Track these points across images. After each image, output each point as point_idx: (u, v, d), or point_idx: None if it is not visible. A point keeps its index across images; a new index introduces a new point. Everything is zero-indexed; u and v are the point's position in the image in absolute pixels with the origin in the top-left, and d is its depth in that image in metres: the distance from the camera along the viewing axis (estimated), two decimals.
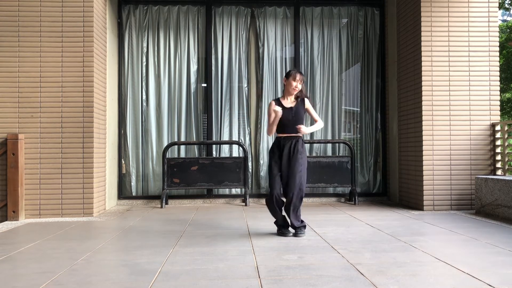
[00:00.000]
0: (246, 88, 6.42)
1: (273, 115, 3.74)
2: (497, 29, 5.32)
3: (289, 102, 3.84)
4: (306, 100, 3.86)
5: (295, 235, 3.75)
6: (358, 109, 6.61)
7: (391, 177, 6.27)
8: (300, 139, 3.80)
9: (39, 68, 4.89)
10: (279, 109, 3.69)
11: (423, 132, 5.19)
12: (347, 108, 6.68)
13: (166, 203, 5.86)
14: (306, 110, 3.87)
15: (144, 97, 6.28)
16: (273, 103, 3.81)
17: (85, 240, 3.67)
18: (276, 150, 3.80)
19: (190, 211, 5.31)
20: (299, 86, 3.79)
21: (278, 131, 3.82)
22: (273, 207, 3.77)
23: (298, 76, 3.76)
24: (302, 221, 3.81)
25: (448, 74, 5.24)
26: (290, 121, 3.75)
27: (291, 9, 6.46)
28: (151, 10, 6.30)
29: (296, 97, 3.84)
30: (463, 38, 5.26)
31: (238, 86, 6.42)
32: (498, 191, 4.64)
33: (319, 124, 3.91)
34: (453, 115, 5.23)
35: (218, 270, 2.70)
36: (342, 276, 2.55)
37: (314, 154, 6.41)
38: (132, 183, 6.19)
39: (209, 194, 6.23)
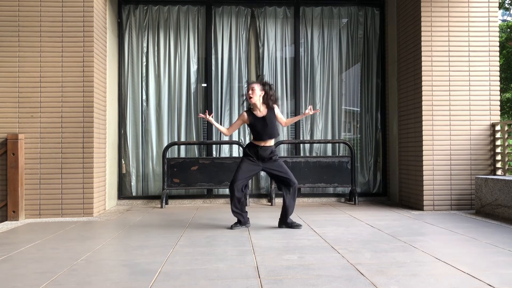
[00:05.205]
0: (246, 88, 6.42)
1: (239, 121, 4.18)
2: (497, 29, 5.32)
3: (259, 112, 4.10)
4: (276, 108, 4.15)
5: (292, 227, 4.10)
6: (358, 109, 6.61)
7: (391, 177, 6.27)
8: (274, 148, 4.14)
9: (39, 68, 4.89)
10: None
11: (423, 132, 5.19)
12: (347, 108, 6.68)
13: (166, 203, 5.86)
14: (276, 117, 4.14)
15: (144, 97, 6.28)
16: (245, 113, 4.13)
17: (85, 240, 3.67)
18: (253, 155, 4.07)
19: (190, 211, 5.31)
20: (256, 89, 4.03)
21: (254, 138, 4.13)
22: (234, 197, 4.00)
23: (248, 86, 4.11)
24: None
25: (448, 74, 5.24)
26: (264, 130, 4.05)
27: (291, 9, 6.46)
28: (151, 10, 6.30)
29: (267, 106, 4.09)
30: (463, 38, 5.26)
31: (238, 86, 6.42)
32: (498, 191, 4.64)
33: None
34: (453, 115, 5.23)
35: (218, 270, 2.70)
36: (342, 276, 2.55)
37: (314, 154, 6.41)
38: (132, 183, 6.19)
39: (209, 194, 6.23)
